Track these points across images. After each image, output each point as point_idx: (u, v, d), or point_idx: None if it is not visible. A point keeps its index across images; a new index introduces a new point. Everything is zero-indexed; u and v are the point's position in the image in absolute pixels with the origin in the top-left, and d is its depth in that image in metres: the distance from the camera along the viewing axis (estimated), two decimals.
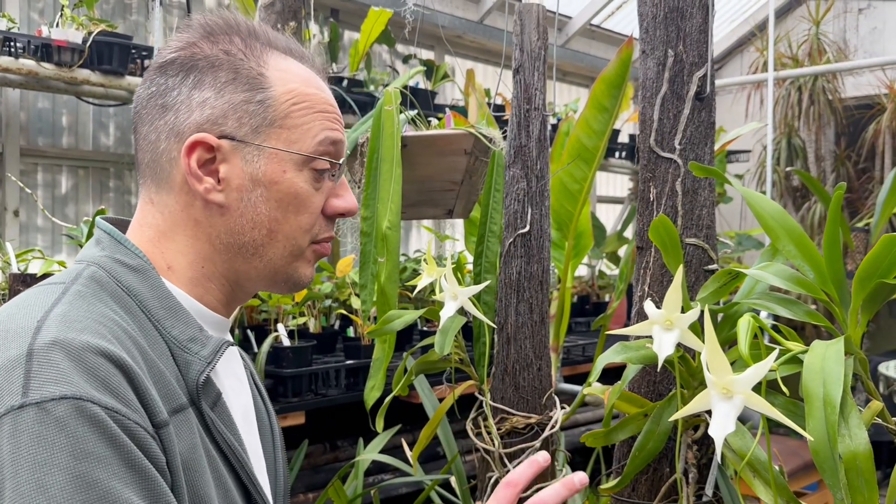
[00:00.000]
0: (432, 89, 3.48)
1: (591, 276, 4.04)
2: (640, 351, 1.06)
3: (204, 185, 0.77)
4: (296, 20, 2.17)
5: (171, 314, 0.76)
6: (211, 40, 0.80)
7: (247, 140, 0.77)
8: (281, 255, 0.80)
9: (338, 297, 2.62)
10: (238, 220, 0.78)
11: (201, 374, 0.74)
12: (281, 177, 0.78)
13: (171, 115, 0.78)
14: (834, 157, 5.06)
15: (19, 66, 2.40)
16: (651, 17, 1.26)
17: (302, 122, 0.79)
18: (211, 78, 0.77)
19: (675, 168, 1.24)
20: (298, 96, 0.79)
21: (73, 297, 0.70)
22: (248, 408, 0.87)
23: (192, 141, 0.76)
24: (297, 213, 0.80)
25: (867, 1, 5.14)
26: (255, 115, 0.77)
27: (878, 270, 0.88)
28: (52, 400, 0.61)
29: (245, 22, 0.82)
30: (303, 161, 0.79)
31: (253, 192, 0.78)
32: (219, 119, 0.77)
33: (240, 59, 0.79)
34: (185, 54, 0.79)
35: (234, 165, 0.77)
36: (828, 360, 0.83)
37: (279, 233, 0.79)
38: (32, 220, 2.95)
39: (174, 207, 0.79)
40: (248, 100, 0.77)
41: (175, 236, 0.79)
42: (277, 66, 0.80)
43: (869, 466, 0.79)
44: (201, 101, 0.77)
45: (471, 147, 1.55)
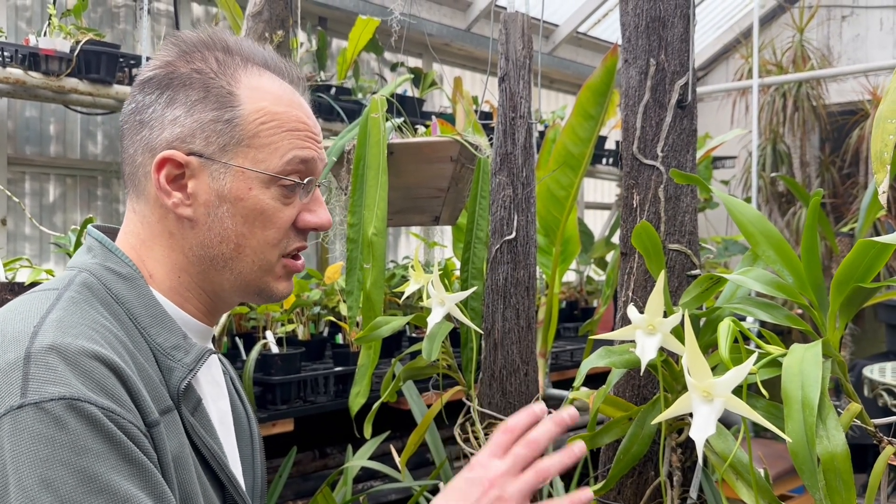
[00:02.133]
0: (420, 97, 3.50)
1: (579, 281, 4.06)
2: (623, 355, 1.07)
3: (172, 199, 0.80)
4: (283, 29, 2.18)
5: (157, 322, 0.78)
6: (187, 58, 0.82)
7: (214, 157, 0.80)
8: (250, 268, 0.83)
9: (326, 304, 2.63)
10: (206, 233, 0.81)
11: (183, 380, 0.77)
12: (246, 194, 0.80)
13: (147, 131, 0.81)
14: (818, 162, 5.11)
15: (7, 75, 2.39)
16: (633, 27, 1.28)
17: (270, 142, 0.81)
18: (183, 96, 0.80)
19: (657, 175, 1.26)
20: (268, 115, 0.81)
21: (67, 303, 0.73)
22: (225, 413, 0.90)
23: (161, 157, 0.79)
24: (263, 228, 0.82)
25: (850, 8, 5.20)
26: (223, 134, 0.80)
27: (855, 275, 0.90)
28: (50, 400, 0.64)
29: (224, 38, 0.84)
30: (269, 179, 0.81)
31: (219, 208, 0.80)
32: (188, 137, 0.79)
33: (211, 77, 0.81)
34: (161, 72, 0.82)
35: (202, 181, 0.80)
36: (806, 363, 0.84)
37: (246, 247, 0.82)
38: (20, 228, 2.94)
39: (151, 219, 0.82)
40: (216, 118, 0.80)
41: (154, 246, 0.82)
42: (250, 84, 0.82)
43: (846, 467, 0.81)
44: (173, 119, 0.80)
45: (457, 154, 1.57)
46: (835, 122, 4.97)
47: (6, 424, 0.63)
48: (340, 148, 1.63)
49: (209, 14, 3.47)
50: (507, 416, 1.43)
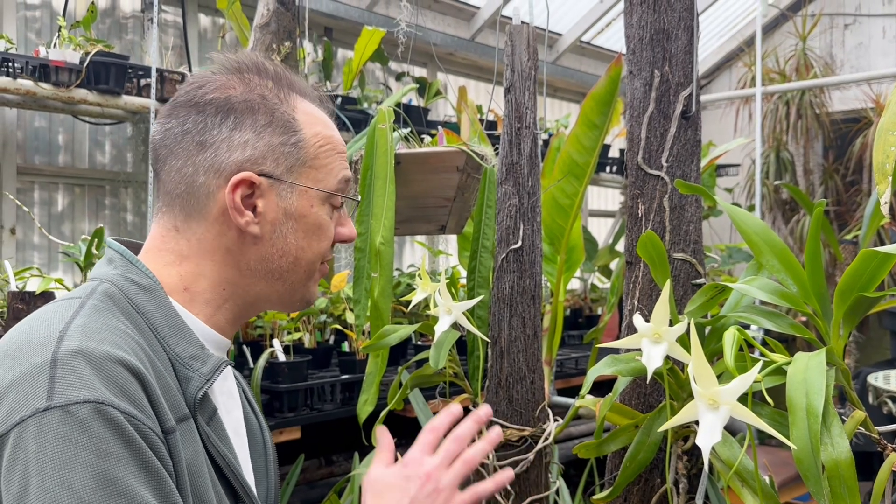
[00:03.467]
0: (425, 106, 3.52)
1: (583, 289, 4.07)
2: (629, 363, 1.08)
3: (245, 218, 0.84)
4: (290, 40, 2.20)
5: (176, 332, 0.81)
6: (244, 83, 0.87)
7: (282, 178, 0.85)
8: (301, 278, 0.89)
9: (332, 313, 2.64)
10: (269, 249, 0.86)
11: (200, 389, 0.80)
12: (309, 211, 0.87)
13: (211, 153, 0.84)
14: (822, 170, 5.12)
15: (17, 86, 2.42)
16: (637, 39, 1.29)
17: (327, 163, 0.89)
18: (251, 120, 0.85)
19: (662, 185, 1.27)
20: (324, 139, 0.89)
21: (90, 311, 0.76)
22: (238, 423, 0.92)
23: (238, 179, 0.83)
24: (318, 241, 0.89)
25: (853, 17, 5.22)
26: (290, 156, 0.86)
27: (858, 284, 0.91)
28: (75, 403, 0.66)
29: (270, 65, 0.90)
30: (326, 197, 0.88)
31: (285, 224, 0.86)
32: (259, 159, 0.85)
33: (274, 103, 0.86)
34: (220, 96, 0.85)
35: (270, 200, 0.85)
36: (810, 371, 0.85)
37: (303, 259, 0.88)
38: (29, 237, 2.97)
39: (205, 236, 0.85)
40: (284, 142, 0.86)
41: (201, 261, 0.86)
42: (304, 110, 0.88)
43: (851, 474, 0.82)
44: (242, 142, 0.84)
45: (463, 164, 1.58)
46: (838, 130, 4.98)
47: (32, 426, 0.65)
48: (348, 158, 1.65)
49: (216, 25, 3.51)
50: (514, 423, 1.44)
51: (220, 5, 2.52)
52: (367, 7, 3.87)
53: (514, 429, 1.43)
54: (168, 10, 3.33)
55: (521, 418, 1.44)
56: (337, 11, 3.68)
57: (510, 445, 1.43)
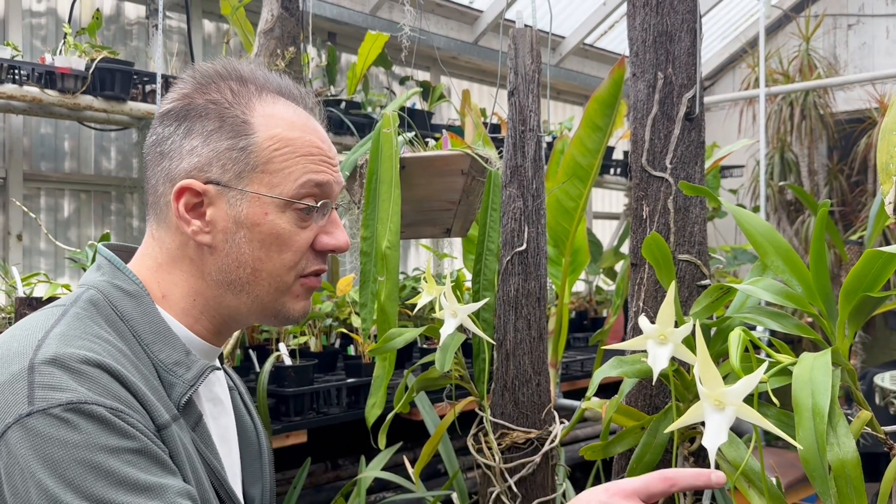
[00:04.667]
0: (429, 110, 3.53)
1: (588, 291, 4.07)
2: (635, 365, 1.09)
3: (191, 227, 0.82)
4: (294, 45, 2.21)
5: (159, 338, 0.80)
6: (203, 90, 0.84)
7: (230, 185, 0.82)
8: (266, 291, 0.85)
9: (338, 316, 2.65)
10: (225, 259, 0.83)
11: (183, 395, 0.79)
12: (263, 219, 0.82)
13: (167, 162, 0.84)
14: (827, 170, 5.11)
15: (23, 93, 2.44)
16: (641, 42, 1.30)
17: (283, 167, 0.83)
18: (200, 126, 0.83)
19: (666, 186, 1.27)
20: (281, 141, 0.83)
21: (71, 319, 0.76)
22: (226, 430, 0.91)
23: (180, 187, 0.82)
24: (279, 252, 0.84)
25: (856, 17, 5.22)
26: (238, 161, 0.82)
27: (863, 284, 0.91)
28: (58, 405, 0.66)
29: (238, 67, 0.87)
30: (284, 204, 0.83)
31: (237, 234, 0.82)
32: (205, 166, 0.82)
33: (225, 107, 0.83)
34: (179, 105, 0.84)
35: (220, 209, 0.82)
36: (816, 372, 0.86)
37: (263, 271, 0.84)
38: (35, 243, 2.98)
39: (171, 245, 0.84)
40: (231, 147, 0.82)
41: (172, 270, 0.85)
42: (264, 112, 0.84)
43: (857, 474, 0.82)
44: (190, 149, 0.82)
45: (467, 167, 1.59)
46: (842, 131, 4.97)
47: (16, 433, 0.65)
48: (353, 163, 1.66)
49: (221, 31, 3.52)
50: (520, 426, 1.44)
51: (225, 11, 2.53)
52: (371, 12, 3.89)
53: (520, 431, 1.43)
54: (172, 16, 3.34)
55: (527, 421, 1.44)
56: (341, 16, 3.69)
57: (516, 448, 1.44)
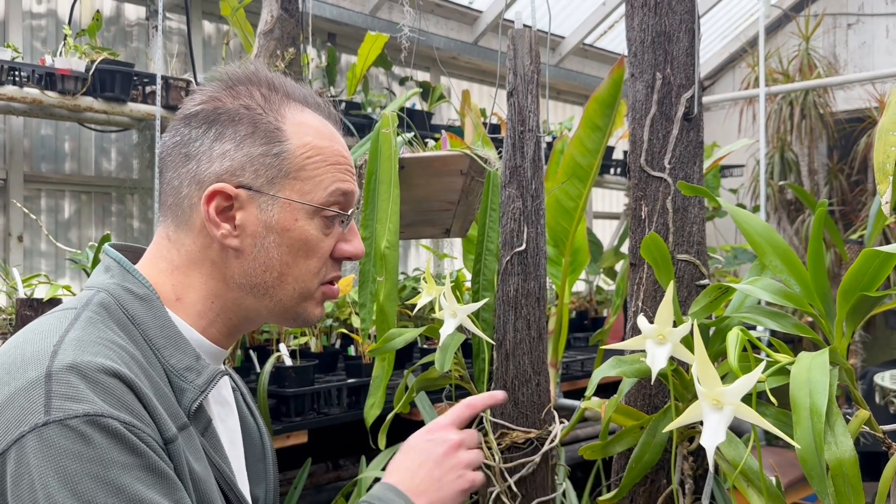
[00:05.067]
0: (429, 110, 3.53)
1: (588, 291, 4.07)
2: (634, 365, 1.09)
3: (221, 230, 0.82)
4: (294, 45, 2.22)
5: (171, 343, 0.80)
6: (232, 94, 0.85)
7: (263, 190, 0.83)
8: (290, 295, 0.86)
9: (338, 317, 2.65)
10: (251, 263, 0.84)
11: (194, 401, 0.79)
12: (293, 225, 0.84)
13: (194, 164, 0.83)
14: (827, 170, 5.11)
15: (24, 94, 2.44)
16: (639, 42, 1.30)
17: (315, 175, 0.84)
18: (231, 131, 0.83)
19: (665, 186, 1.28)
20: (313, 149, 0.85)
21: (85, 323, 0.76)
22: (234, 432, 0.92)
23: (212, 190, 0.82)
24: (306, 257, 0.85)
25: (856, 16, 5.22)
26: (272, 168, 0.83)
27: (861, 283, 0.91)
28: (74, 417, 0.66)
29: (266, 74, 0.88)
30: (314, 211, 0.84)
31: (266, 238, 0.83)
32: (237, 170, 0.82)
33: (258, 113, 0.84)
34: (208, 107, 0.84)
35: (250, 213, 0.83)
36: (813, 371, 0.86)
37: (289, 276, 0.85)
38: (36, 245, 2.98)
39: (192, 248, 0.84)
40: (265, 153, 0.83)
41: (190, 272, 0.84)
42: (294, 120, 0.85)
43: (855, 473, 0.82)
44: (222, 153, 0.83)
45: (467, 168, 1.59)
46: (842, 130, 4.97)
47: (31, 442, 0.65)
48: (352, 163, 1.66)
49: (221, 32, 3.53)
50: (520, 425, 1.44)
51: (225, 12, 2.54)
52: (371, 12, 3.89)
53: (519, 431, 1.43)
54: (172, 17, 3.35)
55: (527, 421, 1.44)
56: (340, 17, 3.70)
57: (516, 448, 1.44)
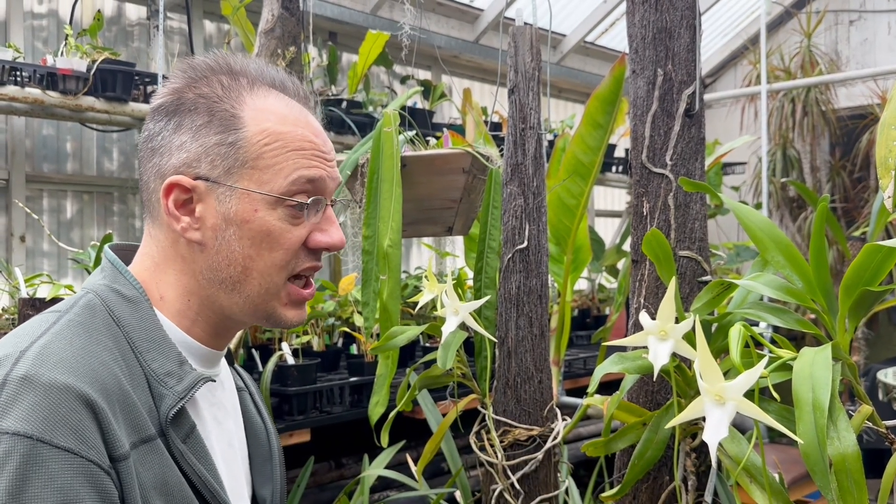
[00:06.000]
0: (430, 109, 3.53)
1: (591, 289, 4.07)
2: (636, 361, 1.09)
3: (181, 224, 0.81)
4: (295, 45, 2.22)
5: (154, 346, 0.78)
6: (193, 84, 0.83)
7: (220, 181, 0.80)
8: (257, 291, 0.82)
9: (340, 315, 2.65)
10: (215, 256, 0.81)
11: (172, 408, 0.77)
12: (252, 216, 0.80)
13: (157, 158, 0.82)
14: (829, 167, 5.10)
15: (25, 94, 2.44)
16: (640, 38, 1.30)
17: (274, 163, 0.81)
18: (189, 121, 0.81)
19: (666, 183, 1.27)
20: (271, 136, 0.81)
21: (62, 327, 0.74)
22: (231, 434, 0.89)
23: (168, 183, 0.80)
24: (270, 250, 0.81)
25: (858, 13, 5.21)
26: (227, 157, 0.80)
27: (863, 279, 0.91)
28: (5, 433, 0.65)
29: (229, 61, 0.84)
30: (275, 201, 0.81)
31: (226, 231, 0.80)
32: (193, 161, 0.80)
33: (215, 101, 0.81)
34: (169, 99, 0.83)
35: (209, 205, 0.80)
36: (816, 366, 0.86)
37: (253, 269, 0.81)
38: (39, 245, 2.99)
39: (164, 243, 0.83)
40: (220, 142, 0.80)
41: (166, 269, 0.83)
42: (254, 106, 0.82)
43: (858, 468, 0.82)
44: (179, 145, 0.81)
45: (469, 166, 1.59)
46: (844, 127, 4.97)
47: None
48: (354, 162, 1.66)
49: (222, 31, 3.53)
50: (522, 423, 1.45)
51: (226, 11, 2.54)
52: (371, 11, 3.89)
53: (522, 429, 1.43)
54: (173, 17, 3.35)
55: (530, 418, 1.44)
56: (341, 16, 3.70)
57: (519, 445, 1.44)
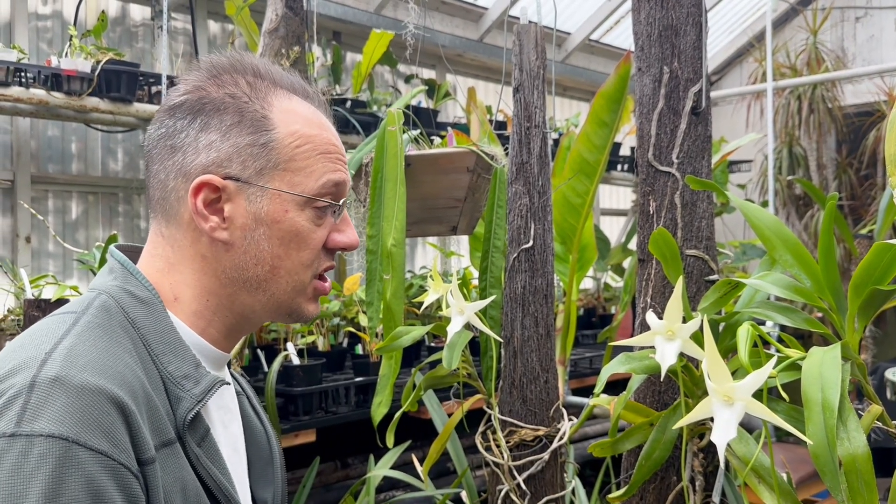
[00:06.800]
0: (434, 108, 3.52)
1: (596, 288, 4.06)
2: (643, 361, 1.08)
3: (209, 223, 0.80)
4: (299, 44, 2.21)
5: (170, 349, 0.78)
6: (217, 83, 0.82)
7: (251, 181, 0.81)
8: (284, 289, 0.84)
9: (345, 315, 2.65)
10: (242, 256, 0.81)
11: (190, 411, 0.76)
12: (283, 216, 0.81)
13: (180, 156, 0.81)
14: (835, 164, 5.08)
15: (30, 95, 2.44)
16: (646, 36, 1.29)
17: (305, 165, 0.82)
18: (217, 121, 0.81)
19: (673, 181, 1.27)
20: (302, 138, 0.82)
21: (83, 329, 0.73)
22: (237, 437, 0.89)
23: (199, 182, 0.79)
24: (298, 249, 0.83)
25: (864, 9, 5.18)
26: (259, 158, 0.81)
27: (872, 278, 0.90)
28: (39, 436, 0.64)
29: (251, 61, 0.85)
30: (304, 202, 0.82)
31: (256, 231, 0.81)
32: (224, 161, 0.80)
33: (244, 101, 0.82)
34: (193, 97, 0.82)
35: (239, 205, 0.81)
36: (825, 366, 0.85)
37: (281, 268, 0.83)
38: (44, 245, 2.99)
39: (182, 242, 0.82)
40: (252, 142, 0.81)
41: (182, 269, 0.82)
42: (281, 107, 0.83)
43: (868, 468, 0.81)
44: (208, 144, 0.80)
45: (473, 165, 1.58)
46: (851, 124, 4.94)
47: None
48: (358, 161, 1.66)
49: (225, 31, 3.53)
50: (528, 423, 1.44)
51: (230, 11, 2.54)
52: (376, 10, 3.89)
53: (528, 429, 1.43)
54: (177, 17, 3.35)
55: (536, 418, 1.43)
56: (345, 15, 3.69)
57: (525, 445, 1.43)
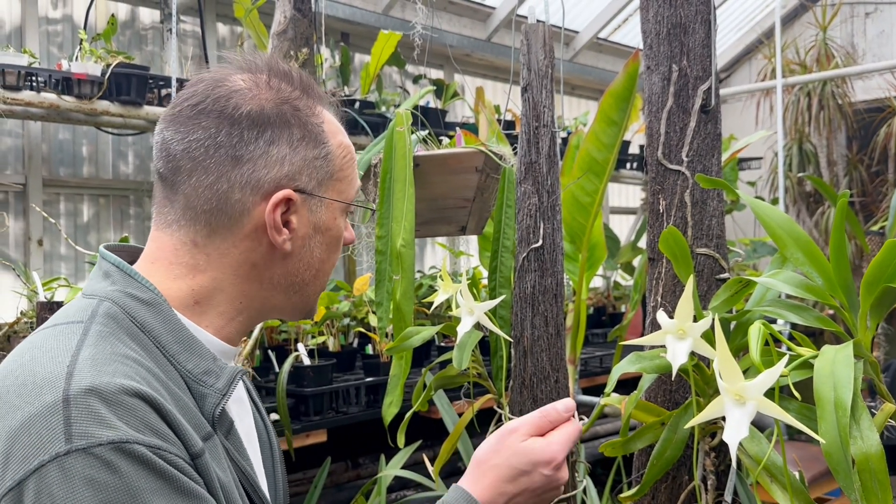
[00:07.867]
0: (443, 108, 3.52)
1: (606, 287, 4.05)
2: (654, 360, 1.08)
3: (282, 236, 0.82)
4: (307, 46, 2.22)
5: (185, 348, 0.78)
6: (275, 93, 0.82)
7: (314, 193, 0.84)
8: (316, 290, 0.89)
9: (355, 316, 2.66)
10: (297, 264, 0.85)
11: (217, 406, 0.77)
12: (333, 223, 0.86)
13: (248, 169, 0.80)
14: (846, 161, 5.05)
15: (41, 99, 2.46)
16: (654, 34, 1.29)
17: (348, 174, 0.88)
18: (287, 134, 0.82)
19: (683, 180, 1.26)
20: (345, 148, 0.87)
21: (96, 339, 0.72)
22: (251, 429, 0.91)
23: (281, 196, 0.80)
24: (336, 252, 0.89)
25: (874, 5, 5.15)
26: (321, 170, 0.84)
27: (884, 275, 0.90)
28: (98, 445, 0.63)
29: (293, 70, 0.87)
30: (345, 208, 0.87)
31: (313, 239, 0.85)
32: (295, 174, 0.82)
33: (306, 114, 0.84)
34: (255, 107, 0.80)
35: (302, 216, 0.84)
36: (837, 364, 0.84)
37: (321, 271, 0.88)
38: (56, 248, 3.01)
39: (230, 251, 0.81)
40: (317, 155, 0.84)
41: (218, 275, 0.82)
42: (326, 119, 0.87)
43: (882, 467, 0.80)
44: (280, 158, 0.81)
45: (482, 164, 1.58)
46: (861, 120, 4.91)
47: (53, 472, 0.62)
48: (367, 162, 1.66)
49: (234, 34, 3.54)
50: None
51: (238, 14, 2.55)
52: (383, 11, 3.89)
53: None
54: (186, 20, 3.37)
55: None
56: (353, 16, 3.70)
57: None
